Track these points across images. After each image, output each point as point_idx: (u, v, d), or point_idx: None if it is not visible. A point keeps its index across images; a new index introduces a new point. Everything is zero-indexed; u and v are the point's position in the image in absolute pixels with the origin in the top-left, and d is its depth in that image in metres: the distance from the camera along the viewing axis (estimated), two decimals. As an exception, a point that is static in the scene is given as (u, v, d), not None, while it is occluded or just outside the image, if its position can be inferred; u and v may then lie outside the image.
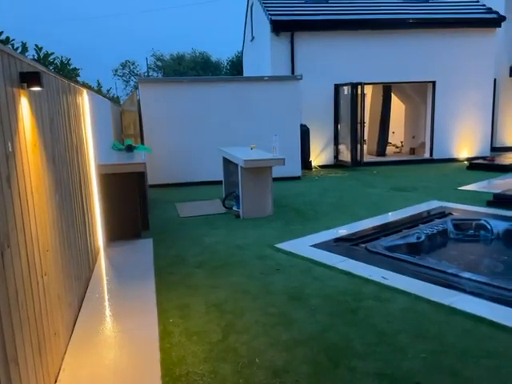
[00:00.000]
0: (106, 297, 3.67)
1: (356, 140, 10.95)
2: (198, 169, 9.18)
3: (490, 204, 6.44)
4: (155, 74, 35.44)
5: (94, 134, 4.80)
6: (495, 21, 11.71)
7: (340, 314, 3.27)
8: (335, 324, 3.12)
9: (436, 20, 11.41)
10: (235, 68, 31.15)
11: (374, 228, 5.50)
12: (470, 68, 11.77)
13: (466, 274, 3.87)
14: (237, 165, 6.32)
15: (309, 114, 11.06)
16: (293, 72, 10.87)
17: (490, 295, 3.45)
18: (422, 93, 12.47)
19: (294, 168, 9.52)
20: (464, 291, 3.54)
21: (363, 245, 4.89)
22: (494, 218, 5.68)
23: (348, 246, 4.87)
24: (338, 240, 5.08)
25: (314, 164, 11.39)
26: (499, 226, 5.45)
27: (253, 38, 15.00)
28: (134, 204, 5.19)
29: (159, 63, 35.65)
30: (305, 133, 10.62)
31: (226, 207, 6.76)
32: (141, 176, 5.44)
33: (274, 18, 10.80)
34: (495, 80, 13.16)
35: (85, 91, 4.54)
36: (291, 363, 2.64)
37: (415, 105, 13.22)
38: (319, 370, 2.57)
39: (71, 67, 5.53)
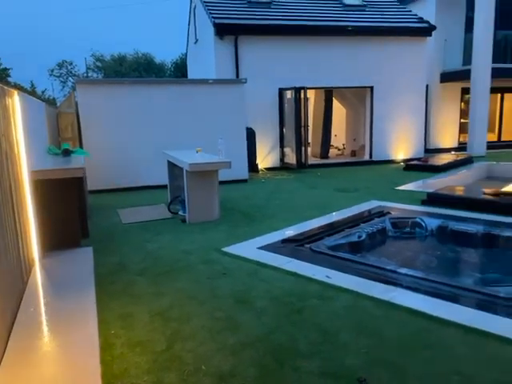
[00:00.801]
0: (43, 310, 3.45)
1: (300, 143, 11.20)
2: (142, 173, 8.93)
3: (424, 203, 6.84)
4: (95, 75, 34.12)
5: (26, 138, 4.51)
6: (426, 30, 12.50)
7: (286, 315, 3.31)
8: (281, 325, 3.15)
9: (372, 28, 11.97)
10: (179, 70, 30.74)
11: (318, 228, 5.63)
12: (404, 74, 12.46)
13: (404, 270, 4.07)
14: (182, 168, 6.22)
15: (255, 117, 11.16)
16: (237, 75, 10.92)
17: (425, 289, 3.65)
18: (361, 97, 13.02)
19: (240, 171, 9.55)
20: (402, 286, 3.72)
21: (308, 245, 5.00)
22: (428, 216, 6.04)
23: (294, 246, 4.95)
24: (284, 241, 5.14)
25: (260, 167, 11.50)
26: (432, 224, 5.80)
27: (196, 40, 14.89)
28: (72, 211, 4.94)
29: (99, 64, 34.36)
30: (251, 136, 10.69)
31: (171, 212, 6.63)
32: (79, 181, 5.19)
33: (217, 21, 10.79)
34: (427, 86, 14.04)
35: (16, 92, 4.26)
36: (238, 367, 2.62)
37: (355, 109, 13.77)
38: (265, 372, 2.58)
39: (0, 67, 5.17)
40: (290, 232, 5.53)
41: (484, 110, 13.41)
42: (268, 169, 11.64)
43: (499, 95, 15.95)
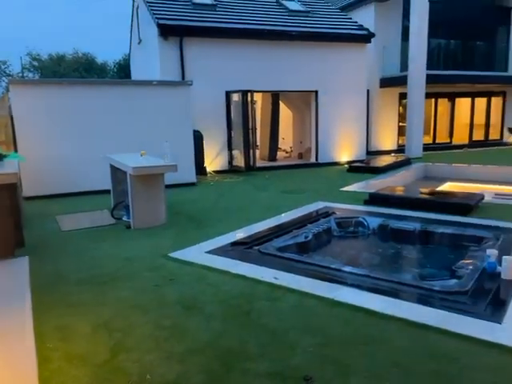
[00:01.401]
0: (-30, 328, 3.19)
1: (248, 146, 11.25)
2: (83, 178, 8.54)
3: (366, 203, 7.11)
4: (31, 75, 32.23)
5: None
6: (366, 37, 13.05)
7: (234, 318, 3.30)
8: (230, 329, 3.13)
9: (316, 34, 12.30)
10: (123, 71, 29.79)
11: (267, 230, 5.67)
12: (346, 79, 12.92)
13: (348, 268, 4.20)
14: (125, 172, 6.02)
15: (202, 120, 11.06)
16: (183, 77, 10.77)
17: (368, 286, 3.78)
18: (306, 101, 13.32)
19: (188, 174, 9.42)
20: (346, 284, 3.83)
21: (257, 247, 5.01)
22: (370, 215, 6.29)
23: (243, 249, 4.95)
24: (233, 244, 5.12)
25: (208, 170, 11.41)
26: (374, 223, 6.04)
27: (140, 40, 14.53)
28: (5, 219, 4.62)
29: (36, 63, 32.53)
30: (198, 138, 10.58)
31: (115, 218, 6.39)
32: (12, 188, 4.86)
33: (161, 21, 10.59)
34: (368, 91, 14.64)
35: None
36: (184, 375, 2.57)
37: (301, 112, 14.07)
38: (213, 377, 2.55)
39: None
40: (238, 235, 5.52)
41: (420, 114, 14.21)
42: (216, 172, 11.58)
43: (433, 100, 16.97)
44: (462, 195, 6.98)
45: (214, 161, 11.67)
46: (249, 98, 10.99)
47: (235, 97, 11.33)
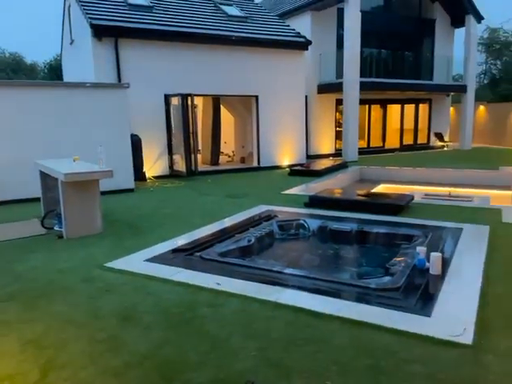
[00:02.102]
0: None
1: (190, 150, 11.10)
2: (9, 185, 7.93)
3: (307, 205, 7.28)
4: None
5: None
6: (303, 44, 13.43)
7: (175, 327, 3.21)
8: (170, 338, 3.04)
9: (255, 39, 12.45)
10: (54, 72, 28.19)
11: (209, 235, 5.60)
12: (285, 85, 13.20)
13: (289, 270, 4.26)
14: (57, 179, 5.68)
15: (141, 124, 10.75)
16: (119, 79, 10.41)
17: (309, 287, 3.85)
18: (247, 106, 13.43)
19: (125, 180, 9.09)
20: (288, 286, 3.87)
21: (199, 253, 4.93)
22: (311, 218, 6.44)
23: (184, 256, 4.84)
24: (174, 251, 4.99)
25: (148, 175, 11.10)
26: (314, 224, 6.19)
27: (72, 41, 13.85)
28: None
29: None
30: (136, 143, 10.26)
31: (45, 227, 6.00)
32: None
33: (94, 22, 10.16)
34: (307, 96, 15.07)
35: None
36: (122, 390, 2.45)
37: (243, 117, 14.15)
38: (152, 390, 2.45)
39: None
40: (180, 241, 5.40)
41: (355, 120, 14.86)
42: (156, 177, 11.30)
43: (367, 106, 17.84)
44: (394, 196, 7.37)
45: (153, 166, 11.38)
46: (189, 102, 10.86)
47: (175, 100, 11.14)
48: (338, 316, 3.26)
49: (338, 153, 16.17)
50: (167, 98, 11.22)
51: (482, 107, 21.78)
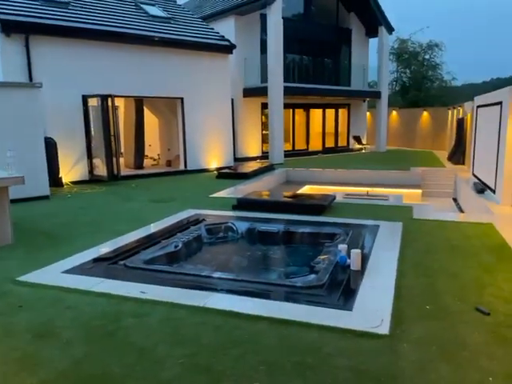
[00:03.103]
0: None
1: (111, 153, 10.63)
2: None
3: (235, 208, 7.31)
4: None
5: None
6: (228, 47, 13.51)
7: (97, 341, 3.04)
8: (92, 353, 2.87)
9: (178, 41, 12.27)
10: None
11: (134, 242, 5.38)
12: (211, 88, 13.17)
13: (217, 274, 4.24)
14: (-42, 187, 5.11)
15: (57, 126, 10.08)
16: (31, 79, 9.66)
17: (237, 289, 3.86)
18: (173, 108, 13.18)
19: (39, 186, 8.44)
20: (216, 290, 3.85)
21: (123, 262, 4.73)
22: (239, 220, 6.48)
23: (107, 265, 4.61)
24: (95, 261, 4.73)
25: (65, 180, 10.42)
26: (242, 227, 6.24)
27: (-24, 34, 12.57)
28: None
29: None
30: (51, 146, 9.58)
31: None
32: None
33: (2, 16, 9.33)
34: (233, 100, 15.17)
35: None
36: (37, 415, 2.26)
37: (168, 119, 13.87)
38: (72, 411, 2.29)
39: None
40: (102, 250, 5.12)
41: (280, 124, 15.26)
42: (75, 182, 10.64)
43: (291, 110, 18.42)
44: (318, 197, 7.67)
45: (71, 170, 10.72)
46: (109, 104, 10.39)
47: (94, 101, 10.60)
48: (266, 316, 3.31)
49: (264, 155, 16.50)
50: (86, 98, 10.64)
51: (394, 112, 23.55)
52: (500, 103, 7.89)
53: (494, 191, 8.13)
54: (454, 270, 4.29)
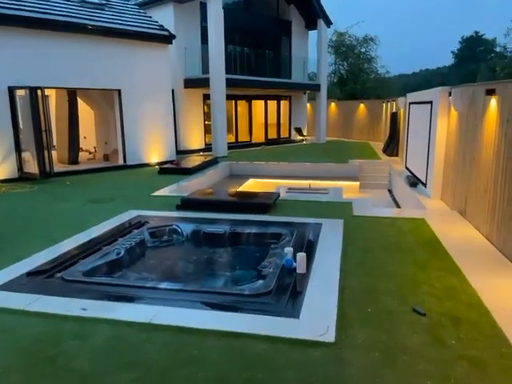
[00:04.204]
0: None
1: (42, 149, 9.95)
2: None
3: (179, 208, 7.15)
4: None
5: None
6: (167, 37, 13.05)
7: (36, 368, 2.85)
8: (29, 381, 2.69)
9: (114, 30, 11.64)
10: None
11: (72, 251, 5.09)
12: (151, 79, 12.69)
13: (163, 285, 4.13)
14: None
15: (-23, 120, 9.22)
16: None
17: (184, 301, 3.78)
18: (109, 100, 12.56)
19: (-38, 188, 7.72)
20: (162, 303, 3.73)
21: (60, 274, 4.46)
22: (183, 222, 6.35)
23: (42, 279, 4.32)
24: (29, 274, 4.42)
25: (-9, 179, 9.63)
26: (188, 229, 6.13)
27: None
28: None
29: None
30: (-26, 143, 8.78)
31: None
32: None
33: None
34: (173, 91, 14.76)
35: None
36: None
37: (104, 111, 13.21)
38: None
39: None
40: (37, 261, 4.78)
41: (222, 116, 15.08)
42: (3, 181, 9.86)
43: (233, 102, 18.31)
44: (262, 195, 7.72)
45: (-2, 168, 9.90)
46: (39, 96, 9.67)
47: (22, 93, 9.80)
48: (214, 330, 3.28)
49: (208, 147, 16.29)
50: (12, 91, 9.81)
51: (333, 104, 24.24)
52: (431, 102, 8.38)
53: (425, 185, 8.68)
54: (392, 268, 4.52)
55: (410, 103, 11.03)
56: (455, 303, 3.71)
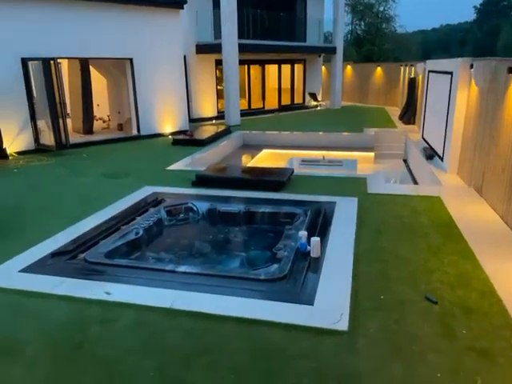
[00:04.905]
0: None
1: (58, 120, 10.01)
2: None
3: (194, 184, 7.22)
4: None
5: None
6: (178, 2, 12.65)
7: (65, 356, 3.03)
8: (60, 370, 2.88)
9: (125, -4, 11.34)
10: None
11: (92, 230, 5.24)
12: (162, 46, 12.44)
13: (182, 268, 4.25)
14: None
15: (-7, 93, 9.28)
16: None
17: (203, 285, 3.89)
18: (122, 69, 12.42)
19: (-18, 162, 7.90)
20: (182, 287, 3.86)
21: (83, 255, 4.63)
22: (199, 200, 6.43)
23: (66, 260, 4.49)
24: (54, 255, 4.59)
25: (9, 151, 9.79)
26: (203, 207, 6.22)
27: None
28: None
29: None
30: (-9, 116, 8.88)
31: None
32: None
33: None
34: (185, 57, 14.48)
35: None
36: None
37: (117, 80, 13.09)
38: None
39: None
40: (59, 241, 4.95)
41: (235, 84, 14.78)
42: (20, 152, 10.03)
43: (246, 67, 17.92)
44: (276, 171, 7.68)
45: (15, 140, 10.04)
46: (53, 67, 9.62)
47: (35, 65, 9.76)
48: (233, 316, 3.41)
49: (220, 115, 16.15)
50: (25, 62, 9.77)
51: (348, 67, 23.55)
52: (451, 73, 8.10)
53: (441, 159, 8.55)
54: (405, 253, 4.57)
55: (429, 71, 10.66)
56: (467, 291, 3.77)
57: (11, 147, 9.90)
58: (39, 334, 3.28)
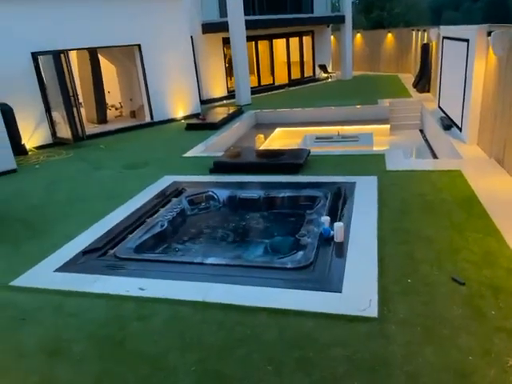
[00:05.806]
0: None
1: (72, 113, 10.06)
2: None
3: (212, 171, 7.27)
4: None
5: None
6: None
7: (109, 353, 3.19)
8: (106, 367, 3.04)
9: (128, -20, 11.14)
10: None
11: (118, 225, 5.37)
12: (168, 28, 12.26)
13: (210, 260, 4.37)
14: None
15: (8, 90, 9.36)
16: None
17: (231, 276, 3.99)
18: (130, 55, 12.33)
19: (4, 159, 8.08)
20: (211, 280, 3.97)
21: (112, 251, 4.78)
22: (218, 187, 6.50)
23: (97, 258, 4.65)
24: (85, 253, 4.75)
25: (28, 146, 9.95)
26: (223, 195, 6.29)
27: None
28: None
29: None
30: (7, 113, 8.99)
31: None
32: None
33: None
34: (192, 37, 14.27)
35: None
36: None
37: (126, 67, 13.02)
38: None
39: None
40: (88, 238, 5.09)
41: (244, 63, 14.54)
42: (39, 147, 10.18)
43: (254, 43, 17.58)
44: (293, 153, 7.63)
45: (33, 135, 10.19)
46: (63, 60, 9.62)
47: (46, 59, 9.78)
48: (263, 307, 3.52)
49: (231, 94, 16.01)
50: (36, 56, 9.79)
51: (358, 35, 22.89)
52: (467, 41, 7.85)
53: (460, 129, 8.40)
54: (428, 232, 4.58)
55: (443, 37, 10.33)
56: (494, 270, 3.80)
57: (29, 142, 10.05)
58: (82, 332, 3.45)
